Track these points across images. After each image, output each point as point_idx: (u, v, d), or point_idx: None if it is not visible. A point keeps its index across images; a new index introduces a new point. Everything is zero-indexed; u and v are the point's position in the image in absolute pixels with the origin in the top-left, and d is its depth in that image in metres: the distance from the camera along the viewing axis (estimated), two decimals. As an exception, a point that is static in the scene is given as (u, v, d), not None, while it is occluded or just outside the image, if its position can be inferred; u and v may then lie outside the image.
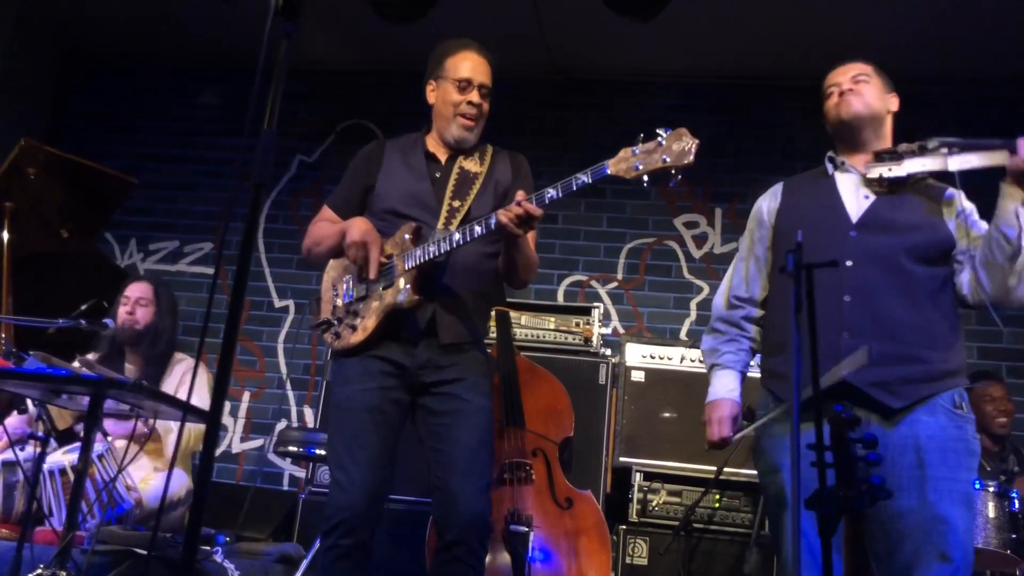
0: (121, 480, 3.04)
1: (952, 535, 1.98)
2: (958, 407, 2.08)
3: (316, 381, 4.96)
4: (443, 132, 2.64)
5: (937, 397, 2.08)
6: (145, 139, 5.54)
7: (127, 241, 5.41)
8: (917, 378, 2.07)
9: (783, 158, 4.92)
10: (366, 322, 2.48)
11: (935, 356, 2.09)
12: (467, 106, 2.59)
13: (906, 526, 2.00)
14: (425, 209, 2.55)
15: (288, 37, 1.56)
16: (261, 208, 1.48)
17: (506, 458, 3.52)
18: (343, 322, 2.54)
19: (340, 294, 2.60)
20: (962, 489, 2.03)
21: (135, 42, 5.45)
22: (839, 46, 4.61)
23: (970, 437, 2.08)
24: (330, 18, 4.78)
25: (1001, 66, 4.65)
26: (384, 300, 2.47)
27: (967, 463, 2.06)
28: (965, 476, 2.05)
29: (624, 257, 4.98)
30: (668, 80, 5.13)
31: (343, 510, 2.34)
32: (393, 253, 2.50)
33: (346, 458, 2.40)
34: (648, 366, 3.90)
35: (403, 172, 2.63)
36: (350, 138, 5.32)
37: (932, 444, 2.04)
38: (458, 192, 2.58)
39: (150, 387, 2.52)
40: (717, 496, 3.64)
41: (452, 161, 2.64)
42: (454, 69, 2.62)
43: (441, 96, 2.63)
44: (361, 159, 2.72)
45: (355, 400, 2.44)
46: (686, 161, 2.16)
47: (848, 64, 2.42)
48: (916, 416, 2.06)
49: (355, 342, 2.48)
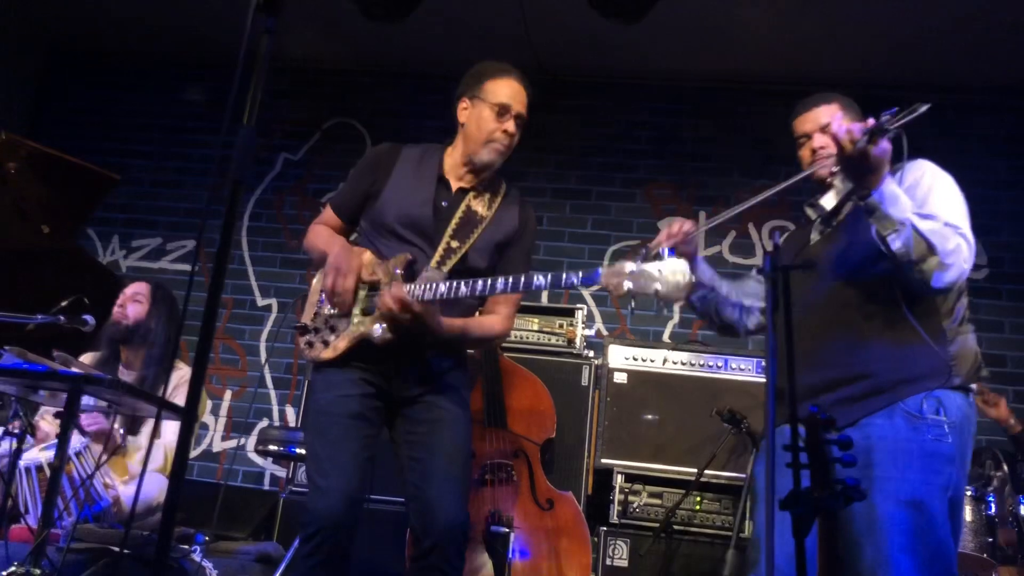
0: (99, 478, 3.01)
1: (899, 537, 1.94)
2: (926, 412, 2.03)
3: (298, 380, 4.94)
4: (471, 153, 2.55)
5: (900, 403, 2.04)
6: (128, 135, 5.51)
7: (109, 237, 5.38)
8: (861, 395, 2.06)
9: (765, 162, 4.95)
10: (338, 342, 2.45)
11: (881, 367, 2.06)
12: (502, 135, 2.53)
13: (859, 529, 1.98)
14: (423, 238, 2.49)
15: (269, 32, 1.55)
16: (240, 204, 1.47)
17: (488, 459, 3.52)
18: (319, 333, 2.49)
19: (324, 302, 2.54)
20: (911, 490, 1.97)
21: (119, 38, 5.43)
22: (821, 51, 4.70)
23: (929, 439, 2.00)
24: (316, 16, 4.77)
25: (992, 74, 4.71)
26: (359, 328, 2.43)
27: (922, 464, 1.99)
28: (917, 477, 1.99)
29: (608, 259, 4.99)
30: (653, 83, 5.15)
31: (323, 517, 2.31)
32: (382, 281, 2.44)
33: (327, 463, 2.37)
34: (631, 368, 3.91)
35: (410, 191, 2.54)
36: (335, 136, 5.31)
37: (882, 445, 2.01)
38: (459, 232, 2.50)
39: (127, 383, 2.50)
40: (698, 498, 3.65)
41: (461, 196, 2.56)
42: (494, 93, 2.54)
43: (476, 117, 2.54)
44: (369, 162, 2.64)
45: (336, 406, 2.42)
46: (675, 298, 2.12)
47: (812, 109, 2.33)
48: (871, 419, 2.05)
49: (324, 358, 2.45)
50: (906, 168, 2.17)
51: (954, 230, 2.02)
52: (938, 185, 2.15)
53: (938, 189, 2.14)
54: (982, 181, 4.71)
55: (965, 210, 2.13)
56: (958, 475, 2.04)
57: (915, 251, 1.96)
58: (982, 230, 4.82)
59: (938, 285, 1.99)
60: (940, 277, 1.98)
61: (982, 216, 4.70)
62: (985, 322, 4.67)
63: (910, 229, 1.96)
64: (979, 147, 4.86)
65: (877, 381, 2.06)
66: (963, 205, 2.14)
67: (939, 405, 2.04)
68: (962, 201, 2.15)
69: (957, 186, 2.18)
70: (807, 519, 1.43)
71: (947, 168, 2.25)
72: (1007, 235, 4.77)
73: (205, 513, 3.87)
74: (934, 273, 1.98)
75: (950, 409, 2.04)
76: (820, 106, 2.32)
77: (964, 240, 2.03)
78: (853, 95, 2.40)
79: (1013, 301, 4.71)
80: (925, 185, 2.14)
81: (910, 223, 1.96)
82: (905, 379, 2.05)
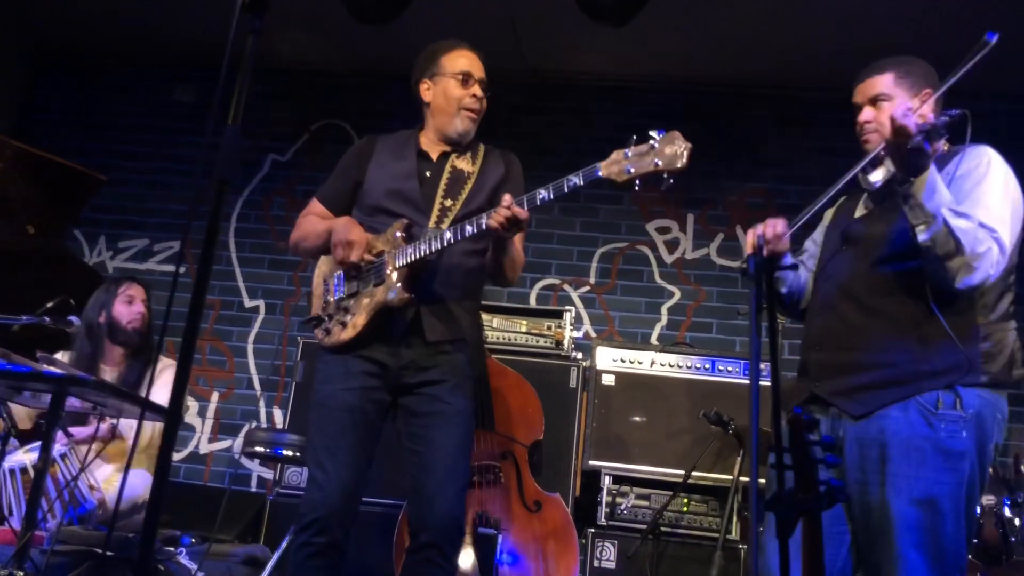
0: (83, 480, 3.00)
1: (909, 535, 1.94)
2: (942, 407, 1.99)
3: (286, 382, 4.92)
4: (444, 128, 2.62)
5: (917, 396, 2.00)
6: (116, 136, 5.48)
7: (96, 239, 5.35)
8: (879, 383, 2.04)
9: (754, 165, 4.97)
10: (356, 319, 2.48)
11: (902, 358, 2.03)
12: (471, 99, 2.61)
13: (874, 524, 1.99)
14: (414, 208, 2.55)
15: (255, 33, 1.55)
16: (225, 205, 1.47)
17: (475, 460, 3.51)
18: (334, 319, 2.53)
19: (331, 290, 2.59)
20: (924, 488, 1.95)
21: (106, 38, 5.40)
22: (810, 56, 4.71)
23: (944, 436, 1.97)
24: (304, 18, 4.76)
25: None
26: (375, 297, 2.47)
27: (935, 462, 1.96)
28: (931, 475, 1.96)
29: (597, 261, 4.99)
30: (642, 86, 5.16)
31: (319, 507, 2.34)
32: (384, 250, 2.50)
33: (324, 456, 2.40)
34: (619, 370, 3.91)
35: (392, 169, 2.62)
36: (323, 138, 5.30)
37: (896, 440, 1.99)
38: (450, 191, 2.57)
39: (112, 384, 2.49)
40: (685, 500, 3.66)
41: (444, 159, 2.64)
42: (452, 64, 2.63)
43: (442, 92, 2.62)
44: (352, 155, 2.72)
45: (336, 399, 2.45)
46: (679, 165, 2.18)
47: (865, 80, 2.25)
48: (887, 412, 2.02)
49: (345, 339, 2.47)
50: (966, 153, 2.10)
51: (989, 232, 1.96)
52: (989, 180, 2.05)
53: (987, 185, 2.04)
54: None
55: (1012, 210, 2.04)
56: (973, 469, 1.99)
57: (941, 247, 1.92)
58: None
59: (961, 287, 1.95)
60: (964, 280, 1.94)
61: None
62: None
63: (941, 224, 1.91)
64: None
65: (896, 372, 2.03)
66: (1011, 204, 2.05)
67: (956, 398, 2.00)
68: (1013, 200, 2.06)
69: (1015, 182, 2.09)
70: (790, 521, 1.43)
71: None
72: None
73: (192, 515, 3.86)
74: (958, 274, 1.94)
75: (968, 402, 1.99)
76: (872, 76, 2.24)
77: (997, 245, 1.96)
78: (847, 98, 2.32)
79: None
80: (976, 178, 2.06)
81: (943, 218, 1.91)
82: (925, 373, 2.01)
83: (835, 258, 2.23)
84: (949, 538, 1.95)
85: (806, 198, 2.20)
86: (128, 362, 3.46)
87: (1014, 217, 2.04)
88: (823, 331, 2.18)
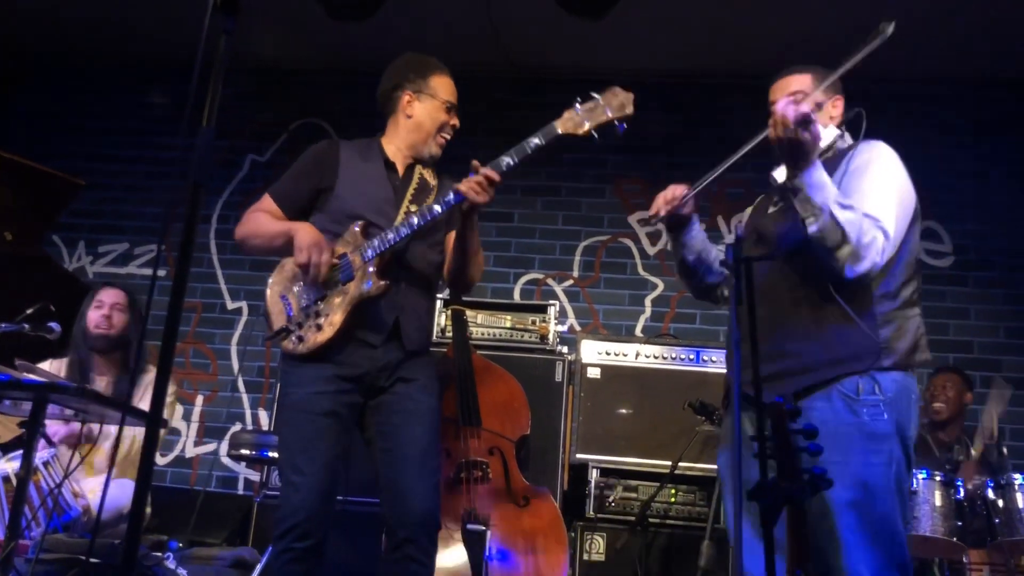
0: (68, 487, 2.97)
1: (846, 517, 2.00)
2: (860, 392, 2.07)
3: (270, 383, 4.91)
4: (418, 146, 2.66)
5: (836, 385, 2.07)
6: (94, 139, 5.44)
7: (75, 244, 5.31)
8: (784, 372, 2.09)
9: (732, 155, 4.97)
10: (333, 318, 2.45)
11: (809, 348, 2.10)
12: (450, 129, 2.68)
13: (814, 513, 1.99)
14: (387, 218, 2.55)
15: (227, 33, 1.54)
16: (201, 206, 1.46)
17: (463, 457, 3.51)
18: (304, 325, 2.49)
19: (293, 302, 2.54)
20: (855, 472, 2.01)
21: (83, 41, 5.34)
22: (785, 44, 4.72)
23: (867, 420, 2.05)
24: (281, 17, 4.74)
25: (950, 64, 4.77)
26: (349, 293, 2.46)
27: (864, 446, 2.04)
28: (858, 459, 2.03)
29: (580, 255, 5.00)
30: (620, 79, 5.03)
31: (297, 511, 2.33)
32: (346, 252, 2.50)
33: (301, 459, 2.39)
34: (604, 363, 3.92)
35: (365, 178, 2.61)
36: (303, 137, 5.26)
37: (824, 430, 1.95)
38: (416, 198, 2.60)
39: (93, 391, 2.47)
40: (672, 490, 3.67)
41: (411, 170, 2.66)
42: (443, 89, 2.67)
43: (427, 112, 2.65)
44: (312, 158, 2.67)
45: (310, 403, 2.43)
46: (628, 111, 2.44)
47: (784, 77, 2.36)
48: (812, 403, 2.08)
49: (324, 340, 2.44)
50: (859, 148, 2.18)
51: (873, 222, 2.05)
52: (876, 173, 2.15)
53: (873, 177, 2.14)
54: (947, 171, 4.78)
55: (898, 200, 2.13)
56: (899, 449, 2.07)
57: (830, 238, 2.01)
58: (948, 219, 4.94)
59: (850, 275, 2.04)
60: (852, 268, 2.03)
61: (948, 205, 4.82)
62: (951, 309, 4.74)
63: (828, 216, 2.00)
64: (944, 137, 4.92)
65: (801, 361, 2.10)
66: (897, 195, 2.14)
67: (874, 384, 2.08)
68: (899, 191, 2.15)
69: (904, 174, 2.18)
70: (774, 509, 1.44)
71: (912, 158, 2.23)
72: (972, 223, 4.84)
73: (179, 519, 3.84)
74: (846, 263, 2.02)
75: (885, 386, 2.07)
76: (792, 75, 2.33)
77: (882, 233, 2.05)
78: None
79: (979, 288, 4.78)
80: (863, 171, 2.15)
81: (828, 210, 2.00)
82: (831, 360, 2.09)
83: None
84: (883, 516, 2.03)
85: (786, 188, 2.22)
86: (119, 370, 3.43)
87: (900, 206, 2.13)
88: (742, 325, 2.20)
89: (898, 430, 2.08)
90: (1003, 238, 4.81)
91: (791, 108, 1.96)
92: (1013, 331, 4.70)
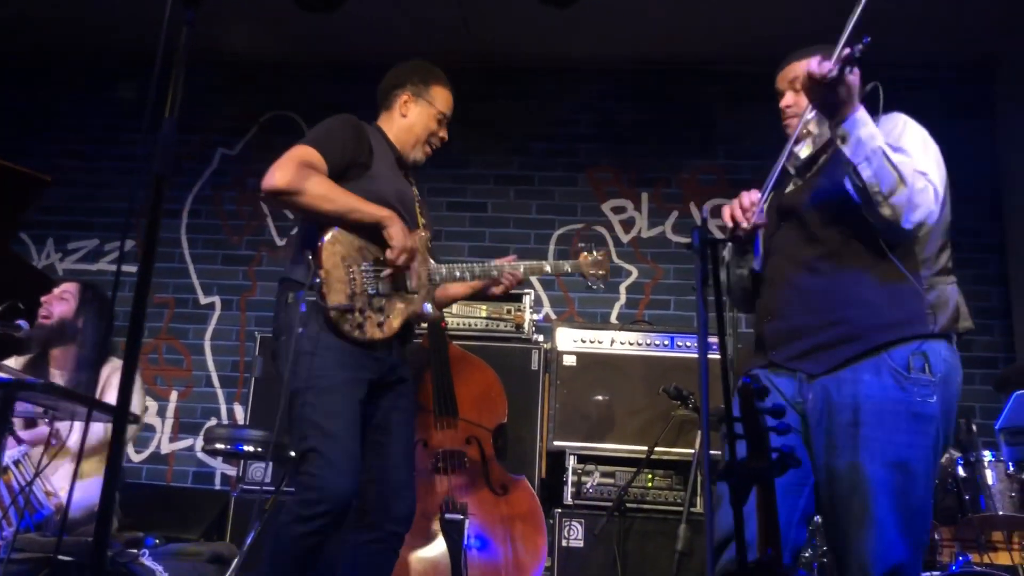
0: (40, 486, 2.95)
1: (884, 497, 1.95)
2: (911, 369, 2.01)
3: (245, 378, 4.87)
4: (405, 148, 2.70)
5: (886, 355, 2.02)
6: (61, 136, 5.36)
7: (44, 241, 5.24)
8: (835, 341, 2.06)
9: (706, 142, 5.01)
10: (392, 321, 2.50)
11: (856, 313, 2.05)
12: (438, 140, 2.75)
13: (841, 490, 2.00)
14: (410, 214, 2.62)
15: (188, 25, 1.53)
16: (166, 200, 1.44)
17: (440, 447, 3.52)
18: (365, 313, 2.45)
19: (357, 280, 2.45)
20: (897, 452, 1.97)
21: (48, 37, 5.26)
22: (760, 32, 4.74)
23: (917, 400, 1.99)
24: (249, 9, 4.68)
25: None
26: (411, 305, 2.55)
27: (908, 426, 1.98)
28: (903, 440, 1.97)
29: (554, 243, 5.01)
30: (594, 68, 5.16)
31: (338, 496, 2.29)
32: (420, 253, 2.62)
33: (346, 442, 2.35)
34: (579, 350, 3.94)
35: (389, 167, 2.64)
36: (273, 130, 5.23)
37: (869, 404, 2.00)
38: (422, 209, 2.75)
39: (61, 387, 2.45)
40: (649, 475, 3.70)
41: (410, 176, 2.76)
42: (441, 100, 2.73)
43: (421, 117, 2.70)
44: (353, 130, 2.57)
45: (350, 386, 2.42)
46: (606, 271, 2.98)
47: (788, 64, 2.31)
48: (859, 376, 2.03)
49: (378, 338, 2.47)
50: (881, 120, 2.14)
51: (923, 175, 2.01)
52: (911, 136, 2.12)
53: (908, 139, 2.11)
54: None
55: (936, 161, 2.10)
56: (944, 431, 2.03)
57: (886, 181, 1.95)
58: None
59: (907, 225, 1.98)
60: (908, 217, 1.97)
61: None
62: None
63: (881, 158, 1.95)
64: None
65: (851, 328, 2.05)
66: (935, 155, 2.11)
67: (925, 361, 2.02)
68: (936, 152, 2.12)
69: (932, 140, 2.15)
70: (743, 489, 1.46)
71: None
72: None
73: (156, 515, 3.82)
74: (904, 211, 1.96)
75: (935, 364, 2.02)
76: (796, 62, 2.29)
77: (932, 186, 2.01)
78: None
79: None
80: (896, 137, 2.11)
81: (881, 150, 1.95)
82: (881, 325, 2.04)
83: (776, 234, 2.26)
84: (919, 500, 1.99)
85: (759, 173, 2.22)
86: (74, 364, 3.39)
87: (940, 167, 2.10)
88: (776, 301, 2.20)
89: (944, 413, 2.03)
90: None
91: (826, 63, 1.92)
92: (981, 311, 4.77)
